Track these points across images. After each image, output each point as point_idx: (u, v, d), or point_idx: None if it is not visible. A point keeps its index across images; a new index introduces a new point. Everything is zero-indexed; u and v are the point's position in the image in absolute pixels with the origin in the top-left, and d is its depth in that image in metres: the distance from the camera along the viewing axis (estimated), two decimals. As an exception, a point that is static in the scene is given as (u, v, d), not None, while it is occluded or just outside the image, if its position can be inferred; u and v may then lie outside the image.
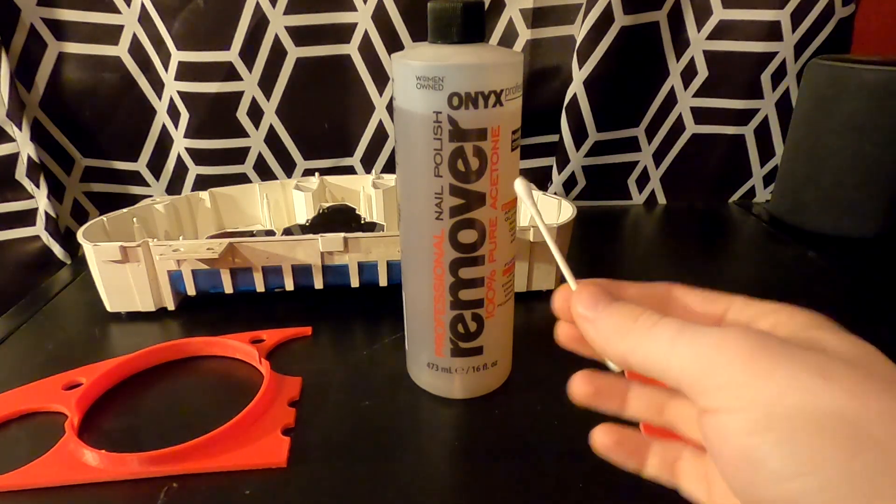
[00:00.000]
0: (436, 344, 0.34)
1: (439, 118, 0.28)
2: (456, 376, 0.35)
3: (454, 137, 0.28)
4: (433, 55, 0.28)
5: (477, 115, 0.28)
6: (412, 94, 0.28)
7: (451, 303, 0.32)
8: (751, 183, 0.70)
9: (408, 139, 0.30)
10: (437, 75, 0.27)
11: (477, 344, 0.34)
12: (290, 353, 0.41)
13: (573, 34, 0.62)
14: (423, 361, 0.35)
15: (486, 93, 0.27)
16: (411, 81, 0.28)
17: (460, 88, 0.27)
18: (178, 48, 0.57)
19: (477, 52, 0.28)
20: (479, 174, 0.29)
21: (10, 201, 0.59)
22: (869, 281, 0.51)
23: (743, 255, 0.60)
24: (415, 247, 0.32)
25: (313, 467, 0.31)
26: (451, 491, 0.30)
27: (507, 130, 0.29)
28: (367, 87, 0.63)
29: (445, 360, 0.34)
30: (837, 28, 0.61)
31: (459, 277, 0.31)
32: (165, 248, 0.43)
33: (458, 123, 0.28)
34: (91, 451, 0.31)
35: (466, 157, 0.29)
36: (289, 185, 0.58)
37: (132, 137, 0.63)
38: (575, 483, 0.29)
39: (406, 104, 0.29)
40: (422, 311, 0.34)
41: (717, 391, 0.16)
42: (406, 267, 0.34)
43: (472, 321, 0.33)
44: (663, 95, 0.66)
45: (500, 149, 0.29)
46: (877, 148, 0.55)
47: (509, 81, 0.28)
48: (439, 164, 0.29)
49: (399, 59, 0.29)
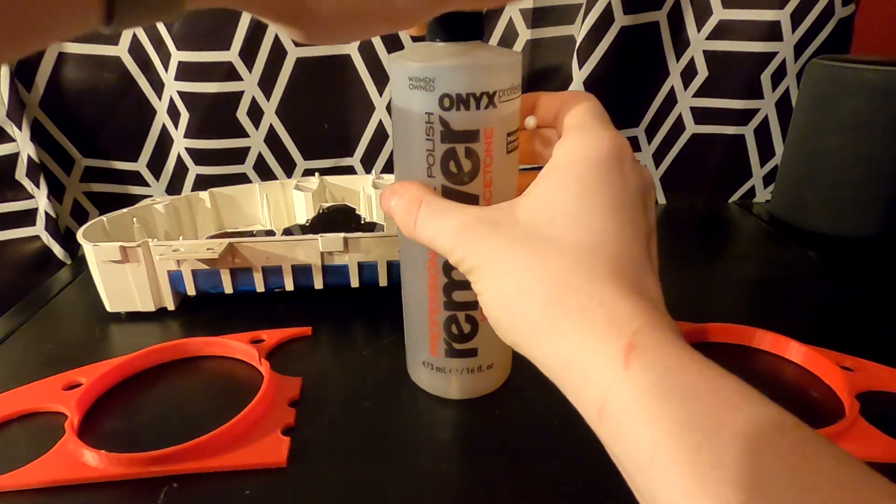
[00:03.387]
0: (431, 343, 0.34)
1: (431, 119, 0.28)
2: (452, 377, 0.35)
3: (446, 139, 0.28)
4: (426, 55, 0.28)
5: (469, 116, 0.27)
6: (406, 95, 0.28)
7: (444, 303, 0.32)
8: (751, 183, 0.70)
9: (402, 139, 0.30)
10: (428, 76, 0.27)
11: (471, 346, 0.34)
12: (290, 353, 0.41)
13: (573, 34, 0.62)
14: (420, 360, 0.36)
15: (477, 94, 0.27)
16: (405, 82, 0.28)
17: (451, 90, 0.27)
18: (178, 48, 0.57)
19: (471, 52, 0.28)
20: (471, 176, 0.29)
21: (10, 201, 0.59)
22: (869, 281, 0.52)
23: (743, 255, 0.60)
24: (410, 246, 0.32)
25: (313, 467, 0.31)
26: (452, 491, 0.30)
27: (501, 132, 0.28)
28: (367, 87, 0.63)
29: (440, 360, 0.34)
30: (837, 28, 0.61)
31: (452, 278, 0.31)
32: (165, 248, 0.43)
33: (450, 125, 0.28)
34: (91, 451, 0.31)
35: (458, 159, 0.28)
36: (289, 185, 0.58)
37: (132, 137, 0.63)
38: (575, 485, 0.29)
39: (400, 103, 0.29)
40: (418, 310, 0.34)
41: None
42: (403, 266, 0.34)
43: (466, 323, 0.33)
44: (663, 95, 0.66)
45: (494, 151, 0.28)
46: (877, 148, 0.55)
47: (504, 83, 0.27)
48: (432, 165, 0.29)
49: (393, 59, 0.29)
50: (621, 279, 0.21)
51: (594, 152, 0.23)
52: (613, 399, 0.19)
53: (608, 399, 0.19)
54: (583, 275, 0.21)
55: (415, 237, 0.26)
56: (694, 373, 0.19)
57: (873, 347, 0.38)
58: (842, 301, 0.48)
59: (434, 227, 0.25)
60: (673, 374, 0.19)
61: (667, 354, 0.19)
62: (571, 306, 0.21)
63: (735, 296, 0.49)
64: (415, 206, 0.26)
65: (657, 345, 0.20)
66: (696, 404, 0.18)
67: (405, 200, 0.26)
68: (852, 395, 0.34)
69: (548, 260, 0.22)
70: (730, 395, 0.18)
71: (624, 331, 0.20)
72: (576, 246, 0.22)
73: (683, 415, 0.18)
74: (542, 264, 0.22)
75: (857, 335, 0.42)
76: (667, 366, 0.19)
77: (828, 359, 0.37)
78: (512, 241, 0.23)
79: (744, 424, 0.17)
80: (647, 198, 0.25)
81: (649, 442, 0.18)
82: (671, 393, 0.18)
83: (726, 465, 0.16)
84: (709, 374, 0.19)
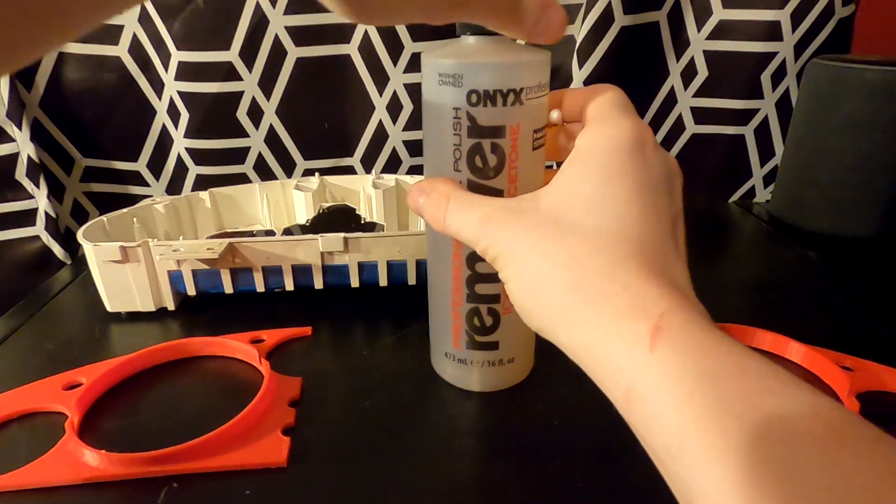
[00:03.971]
0: (453, 335, 0.35)
1: (458, 114, 0.28)
2: (473, 369, 0.35)
3: (472, 134, 0.29)
4: (455, 52, 0.29)
5: (495, 112, 0.28)
6: (435, 90, 0.29)
7: (467, 295, 0.33)
8: (751, 183, 0.70)
9: (431, 133, 0.31)
10: (456, 72, 0.28)
11: (493, 339, 0.34)
12: (290, 353, 0.41)
13: (573, 34, 0.62)
14: (443, 351, 0.36)
15: (504, 91, 0.28)
16: (434, 77, 0.29)
17: (479, 86, 0.28)
18: (178, 48, 0.57)
19: (499, 49, 0.29)
20: (497, 171, 0.29)
21: (10, 201, 0.59)
22: (869, 281, 0.51)
23: (743, 255, 0.60)
24: (436, 237, 0.33)
25: (313, 467, 0.31)
26: (452, 491, 0.30)
27: (527, 129, 0.29)
28: (367, 87, 0.63)
29: (462, 352, 0.35)
30: (837, 28, 0.61)
31: (476, 271, 0.32)
32: (165, 248, 0.43)
33: (477, 120, 0.28)
34: (91, 451, 0.31)
35: (484, 154, 0.29)
36: (289, 185, 0.58)
37: (132, 137, 0.63)
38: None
39: (430, 98, 0.30)
40: (442, 302, 0.34)
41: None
42: (430, 259, 0.35)
43: (488, 315, 0.33)
44: (663, 95, 0.66)
45: (520, 147, 0.29)
46: (877, 148, 0.55)
47: (531, 80, 0.28)
48: (458, 160, 0.29)
49: (425, 55, 0.30)
50: (645, 263, 0.21)
51: (615, 140, 0.24)
52: (640, 383, 0.19)
53: (634, 383, 0.19)
54: (605, 259, 0.21)
55: (445, 231, 0.27)
56: (723, 355, 0.18)
57: (873, 347, 0.38)
58: (842, 301, 0.48)
59: (460, 220, 0.26)
60: (701, 357, 0.18)
61: (694, 337, 0.19)
62: (593, 290, 0.21)
63: (735, 296, 0.49)
64: (444, 202, 0.27)
65: (684, 327, 0.19)
66: (726, 387, 0.17)
67: (434, 197, 0.27)
68: (852, 395, 0.34)
69: (570, 245, 0.22)
70: (761, 377, 0.17)
71: (650, 314, 0.20)
72: (598, 231, 0.22)
73: (713, 398, 0.17)
74: (564, 249, 0.22)
75: (857, 335, 0.42)
76: (694, 348, 0.18)
77: (828, 359, 0.37)
78: (535, 227, 0.23)
79: (777, 408, 0.16)
80: (673, 184, 0.25)
81: (678, 427, 0.17)
82: (700, 376, 0.18)
83: (758, 450, 0.16)
84: (739, 356, 0.18)
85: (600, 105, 0.25)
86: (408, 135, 0.64)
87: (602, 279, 0.21)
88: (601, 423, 0.33)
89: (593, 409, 0.32)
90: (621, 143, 0.23)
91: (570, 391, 0.36)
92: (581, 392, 0.34)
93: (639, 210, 0.22)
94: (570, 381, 0.36)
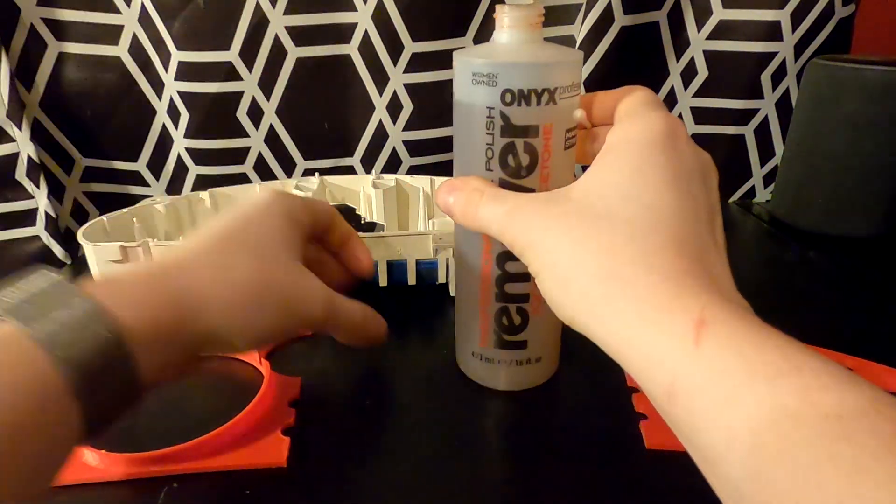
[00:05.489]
0: (481, 334, 0.35)
1: (492, 113, 0.28)
2: (500, 368, 0.35)
3: (506, 133, 0.29)
4: (490, 52, 0.29)
5: (529, 112, 0.28)
6: (468, 89, 0.29)
7: (496, 294, 0.33)
8: (751, 183, 0.70)
9: (463, 133, 0.31)
10: (491, 72, 0.28)
11: (521, 338, 0.34)
12: (290, 353, 0.41)
13: (573, 34, 0.62)
14: (470, 350, 0.36)
15: (539, 90, 0.28)
16: (468, 77, 0.29)
17: (513, 85, 0.28)
18: (178, 48, 0.57)
19: (534, 49, 0.29)
20: (529, 170, 0.29)
21: (10, 201, 0.59)
22: (869, 281, 0.51)
23: (743, 255, 0.60)
24: (465, 236, 0.33)
25: (313, 467, 0.31)
26: (453, 491, 0.30)
27: (560, 129, 0.29)
28: (367, 87, 0.63)
29: (490, 351, 0.35)
30: (837, 28, 0.61)
31: (506, 270, 0.32)
32: (165, 248, 0.43)
33: (510, 119, 0.28)
34: (91, 451, 0.31)
35: (517, 153, 0.29)
36: (289, 185, 0.58)
37: (132, 137, 0.63)
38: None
39: (463, 98, 0.30)
40: (469, 300, 0.34)
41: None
42: (458, 257, 0.35)
43: (517, 315, 0.33)
44: (663, 95, 0.66)
45: (553, 146, 0.29)
46: (877, 148, 0.55)
47: (564, 80, 0.28)
48: (490, 159, 0.29)
49: (459, 55, 0.30)
50: (682, 255, 0.21)
51: (646, 133, 0.23)
52: (684, 380, 0.18)
53: (678, 380, 0.18)
54: (640, 248, 0.21)
55: (476, 224, 0.27)
56: (773, 349, 0.17)
57: (873, 347, 0.38)
58: (842, 301, 0.48)
59: (489, 213, 0.26)
60: (750, 352, 0.17)
61: (741, 330, 0.18)
62: (629, 280, 0.20)
63: (735, 296, 0.49)
64: (477, 196, 0.27)
65: (730, 319, 0.18)
66: (778, 384, 0.16)
67: (465, 193, 0.27)
68: (852, 395, 0.34)
69: (601, 234, 0.21)
70: (816, 373, 0.17)
71: (692, 306, 0.19)
72: (631, 221, 0.21)
73: (765, 395, 0.16)
74: (596, 238, 0.21)
75: (857, 335, 0.42)
76: (742, 342, 0.17)
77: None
78: (565, 216, 0.23)
79: (835, 405, 0.15)
80: (708, 177, 0.24)
81: (727, 426, 0.16)
82: (749, 372, 0.17)
83: (818, 450, 0.15)
84: (790, 350, 0.17)
85: (630, 103, 0.25)
86: (408, 135, 0.64)
87: (638, 269, 0.20)
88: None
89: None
90: (653, 136, 0.23)
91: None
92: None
93: (673, 201, 0.22)
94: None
